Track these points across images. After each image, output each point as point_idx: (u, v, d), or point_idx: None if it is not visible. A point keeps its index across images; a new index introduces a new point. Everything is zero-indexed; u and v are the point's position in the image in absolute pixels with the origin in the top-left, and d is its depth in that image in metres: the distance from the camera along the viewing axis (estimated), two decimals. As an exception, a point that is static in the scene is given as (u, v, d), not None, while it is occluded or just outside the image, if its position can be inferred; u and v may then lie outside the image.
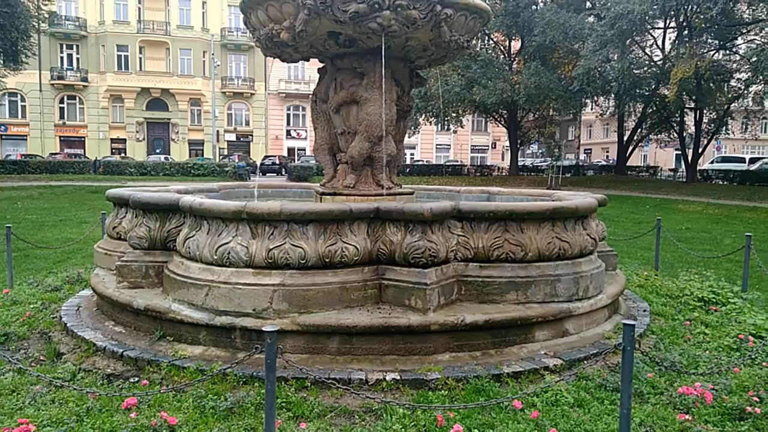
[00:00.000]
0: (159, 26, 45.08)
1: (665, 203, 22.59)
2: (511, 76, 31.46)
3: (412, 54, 7.14)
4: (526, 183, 32.45)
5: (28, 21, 25.65)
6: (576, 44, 28.99)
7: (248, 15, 6.68)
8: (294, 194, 9.20)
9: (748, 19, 26.73)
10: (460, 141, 55.80)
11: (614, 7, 23.62)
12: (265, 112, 49.45)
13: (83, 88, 45.24)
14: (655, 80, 28.85)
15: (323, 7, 5.89)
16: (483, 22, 7.07)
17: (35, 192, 22.31)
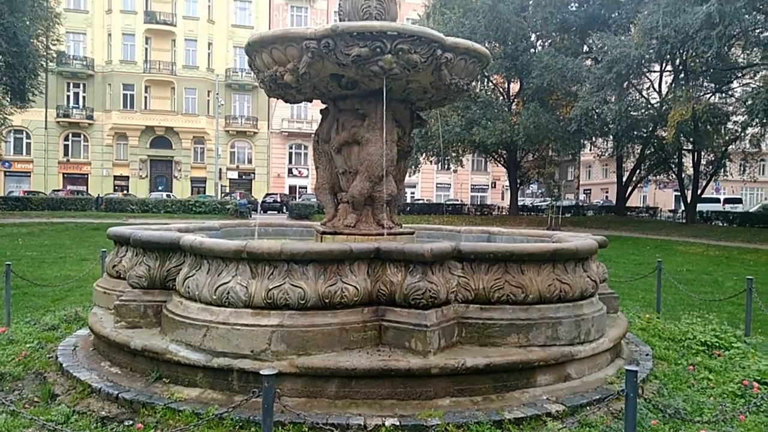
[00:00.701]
0: (165, 66, 45.99)
1: (665, 244, 22.57)
2: (510, 117, 31.90)
3: (412, 96, 7.26)
4: (526, 223, 32.50)
5: (36, 60, 26.19)
6: (574, 86, 29.50)
7: (253, 58, 6.81)
8: (295, 233, 9.20)
9: (742, 63, 27.25)
10: (461, 180, 56.16)
11: (611, 51, 24.12)
12: (267, 151, 49.95)
13: (88, 126, 45.84)
14: (652, 122, 29.23)
15: (326, 50, 6.02)
16: (482, 65, 7.21)
17: (36, 228, 22.34)
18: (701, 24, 19.28)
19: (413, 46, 6.04)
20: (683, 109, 22.49)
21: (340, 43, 5.96)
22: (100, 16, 45.58)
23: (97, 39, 45.73)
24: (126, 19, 45.07)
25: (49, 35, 27.07)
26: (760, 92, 20.91)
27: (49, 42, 28.00)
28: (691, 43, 21.64)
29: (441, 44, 6.29)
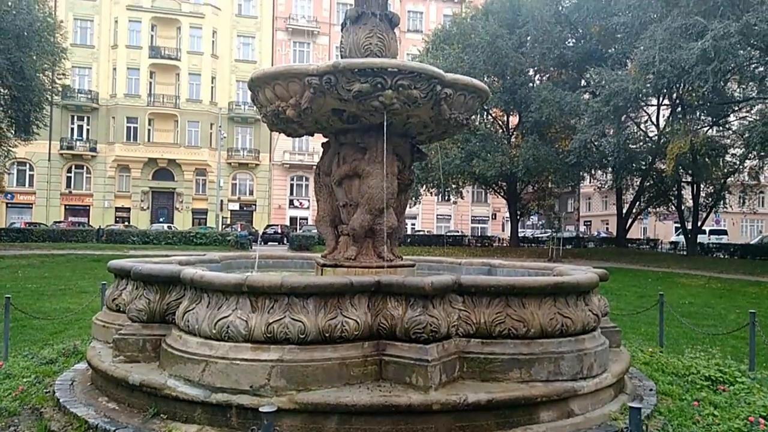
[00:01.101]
0: (169, 99, 46.60)
1: (667, 277, 22.48)
2: (509, 149, 32.19)
3: (413, 130, 7.35)
4: (527, 254, 32.44)
5: (42, 94, 26.54)
6: (572, 120, 29.83)
7: (256, 93, 6.92)
8: (295, 265, 9.19)
9: (738, 97, 27.60)
10: (461, 212, 56.27)
11: (609, 85, 24.46)
12: (268, 182, 50.21)
13: (91, 158, 46.20)
14: (651, 155, 29.45)
15: (328, 86, 6.12)
16: (481, 100, 7.32)
17: (37, 260, 22.32)
18: (697, 59, 19.60)
19: (413, 81, 6.14)
20: (681, 142, 22.70)
21: (341, 79, 6.07)
22: (106, 51, 46.40)
23: (102, 73, 46.46)
24: (131, 53, 45.86)
25: (55, 70, 27.50)
26: (757, 125, 21.14)
27: (55, 76, 28.43)
28: (688, 78, 21.97)
29: (440, 80, 6.39)
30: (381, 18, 7.52)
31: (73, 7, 46.01)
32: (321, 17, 51.51)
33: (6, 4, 23.25)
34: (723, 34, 18.85)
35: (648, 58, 21.51)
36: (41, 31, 24.70)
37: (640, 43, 22.57)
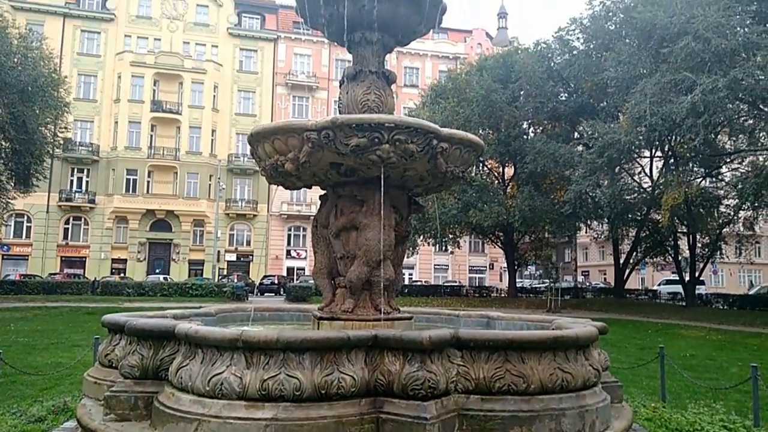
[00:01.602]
0: (169, 152, 47.15)
1: (667, 328, 22.27)
2: (505, 200, 32.45)
3: (410, 183, 7.43)
4: (525, 305, 32.19)
5: (43, 147, 26.83)
6: (567, 171, 30.22)
7: (255, 147, 7.03)
8: (291, 318, 9.10)
9: (730, 148, 28.06)
10: (458, 261, 56.13)
11: (602, 138, 24.90)
12: (266, 233, 50.23)
13: (90, 210, 46.33)
14: (645, 206, 29.69)
15: (326, 140, 6.23)
16: (477, 154, 7.44)
17: (30, 313, 22.03)
18: (687, 113, 20.04)
19: (410, 136, 6.25)
20: (675, 193, 22.93)
21: (339, 133, 6.18)
22: (108, 105, 47.29)
23: (104, 126, 47.20)
24: (133, 107, 46.73)
25: (57, 123, 27.90)
26: (749, 177, 21.44)
27: (57, 130, 28.80)
28: (679, 131, 22.41)
29: (436, 135, 6.52)
30: (378, 75, 7.73)
31: (78, 63, 47.20)
32: (320, 73, 52.83)
33: (12, 61, 23.79)
34: (711, 89, 19.36)
35: (639, 111, 21.99)
36: (45, 86, 25.19)
37: (631, 97, 23.09)
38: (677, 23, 21.75)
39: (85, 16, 48.11)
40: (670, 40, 22.05)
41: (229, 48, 51.08)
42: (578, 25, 30.57)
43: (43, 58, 26.02)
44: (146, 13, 49.59)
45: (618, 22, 28.20)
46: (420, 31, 8.08)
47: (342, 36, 7.82)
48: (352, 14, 7.23)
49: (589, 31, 29.91)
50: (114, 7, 48.61)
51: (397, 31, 7.80)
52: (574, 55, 30.86)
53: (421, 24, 7.77)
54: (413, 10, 7.46)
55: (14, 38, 25.03)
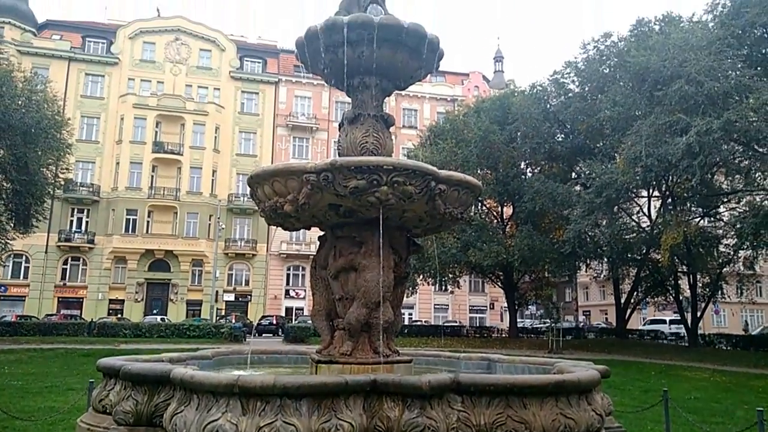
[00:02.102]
0: (169, 192, 47.37)
1: (670, 369, 21.94)
2: (504, 239, 32.44)
3: (408, 224, 7.46)
4: (526, 346, 31.79)
5: (44, 188, 26.91)
6: (565, 210, 30.30)
7: (255, 189, 7.09)
8: (289, 360, 8.99)
9: (727, 188, 28.23)
10: (458, 301, 55.70)
11: (599, 178, 25.08)
12: (265, 273, 50.01)
13: (88, 250, 46.22)
14: (645, 245, 29.66)
15: (325, 182, 6.28)
16: (475, 195, 7.50)
17: (25, 355, 21.71)
18: (682, 154, 20.26)
19: (408, 178, 6.31)
20: (674, 233, 22.96)
21: (338, 176, 6.24)
22: (111, 146, 47.76)
23: (105, 167, 47.56)
24: (135, 148, 47.17)
25: (59, 164, 28.07)
26: (747, 216, 21.51)
27: (59, 171, 28.95)
28: (675, 171, 22.59)
29: (434, 176, 6.58)
30: (377, 119, 7.86)
31: (82, 105, 47.92)
32: (320, 114, 53.60)
33: (16, 103, 24.13)
34: (706, 130, 19.62)
35: (635, 152, 22.22)
36: (48, 128, 25.45)
37: (627, 138, 23.37)
38: (670, 67, 22.21)
39: (89, 60, 49.10)
40: (664, 83, 22.47)
41: (231, 90, 51.95)
42: (573, 68, 31.20)
43: (47, 101, 26.38)
44: (150, 57, 50.63)
45: (612, 66, 28.80)
46: (418, 76, 8.26)
47: (341, 81, 7.98)
48: (352, 60, 7.40)
49: (583, 74, 30.50)
50: (119, 51, 49.65)
51: (395, 76, 7.97)
52: (569, 97, 31.37)
53: (419, 69, 7.94)
54: (411, 56, 7.63)
55: (19, 81, 25.45)
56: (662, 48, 23.48)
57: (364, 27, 7.16)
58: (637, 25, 29.40)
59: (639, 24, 29.37)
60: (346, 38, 7.23)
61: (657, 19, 29.33)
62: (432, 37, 7.60)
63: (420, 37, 7.47)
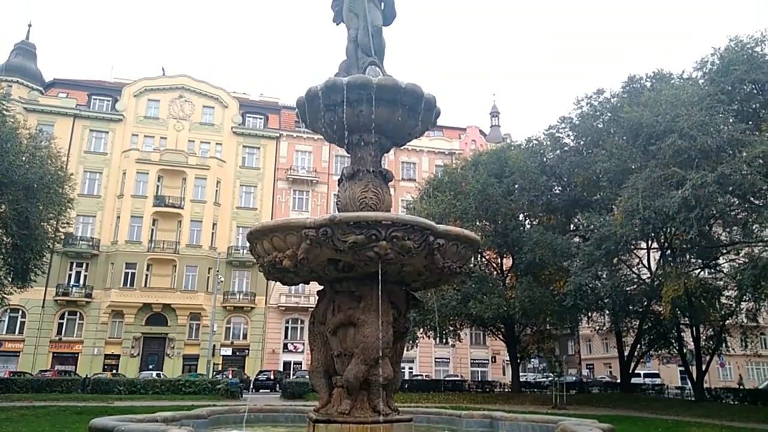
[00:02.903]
0: (169, 245, 47.37)
1: (678, 426, 21.37)
2: (505, 291, 32.22)
3: (407, 278, 7.49)
4: (529, 401, 31.07)
5: (44, 242, 26.85)
6: (565, 262, 30.25)
7: (254, 245, 7.16)
8: (286, 419, 8.83)
9: (725, 240, 28.27)
10: (459, 354, 54.78)
11: (598, 230, 25.16)
12: (263, 326, 49.45)
13: (86, 304, 45.80)
14: (646, 297, 29.46)
15: (324, 237, 6.35)
16: (473, 249, 7.56)
17: (16, 413, 21.17)
18: (679, 207, 20.40)
19: (407, 233, 6.39)
20: (675, 285, 22.85)
21: (337, 231, 6.32)
22: (112, 200, 48.08)
23: (106, 221, 47.70)
24: (136, 203, 47.50)
25: (59, 219, 28.14)
26: (747, 268, 21.47)
27: (59, 225, 28.97)
28: (673, 223, 22.70)
29: (433, 231, 6.66)
30: (375, 174, 8.02)
31: (85, 160, 48.54)
32: (320, 168, 54.29)
33: (20, 159, 24.41)
34: (701, 184, 19.83)
35: (632, 205, 22.39)
36: (51, 183, 25.63)
37: (624, 191, 23.59)
38: (663, 122, 22.67)
39: (94, 117, 50.07)
40: (658, 137, 22.89)
41: (232, 145, 52.79)
42: (568, 123, 31.85)
43: (51, 157, 26.67)
44: (154, 114, 51.69)
45: (606, 121, 29.41)
46: (416, 134, 8.48)
47: (341, 138, 8.20)
48: (351, 119, 7.62)
49: (578, 129, 31.10)
50: (123, 108, 50.72)
51: (393, 133, 8.18)
52: (565, 151, 31.88)
53: (417, 127, 8.16)
54: (409, 115, 7.86)
55: (24, 138, 25.83)
56: (654, 104, 24.04)
57: (363, 87, 7.42)
58: (628, 81, 30.23)
59: (631, 81, 30.20)
60: (346, 98, 7.47)
61: (648, 76, 30.21)
62: (429, 96, 7.85)
63: (417, 96, 7.72)
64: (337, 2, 9.09)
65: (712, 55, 25.63)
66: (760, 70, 23.39)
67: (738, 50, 24.38)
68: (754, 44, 24.48)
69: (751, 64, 23.50)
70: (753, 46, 24.45)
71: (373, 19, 8.60)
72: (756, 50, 24.33)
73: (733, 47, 24.68)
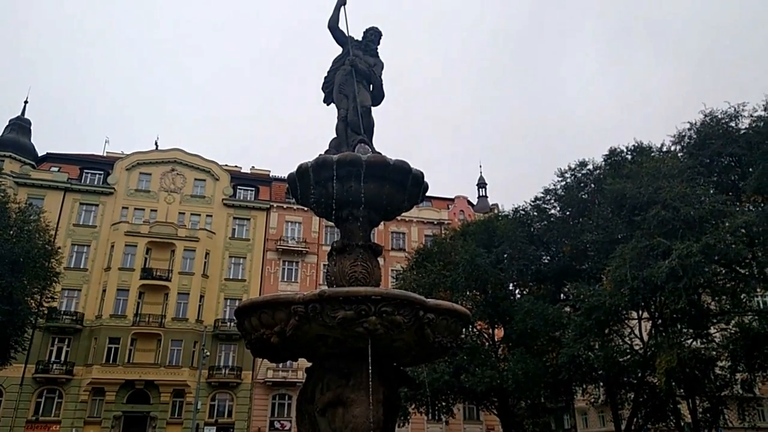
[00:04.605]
0: (154, 319, 46.45)
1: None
2: (497, 362, 31.66)
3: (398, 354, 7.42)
4: (527, 481, 29.83)
5: (26, 318, 26.26)
6: (557, 332, 29.95)
7: (242, 321, 7.11)
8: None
9: (715, 309, 28.29)
10: (453, 429, 52.98)
11: (587, 300, 25.14)
12: (249, 402, 47.82)
13: (66, 381, 44.20)
14: (640, 368, 29.05)
15: (314, 313, 6.34)
16: (464, 324, 7.55)
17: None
18: (667, 277, 20.57)
19: (396, 308, 6.40)
20: (668, 356, 22.65)
21: (326, 306, 6.32)
22: (98, 273, 47.49)
23: (91, 295, 46.85)
24: (123, 275, 46.92)
25: (44, 293, 27.69)
26: (738, 338, 21.42)
27: (43, 300, 28.45)
28: (662, 293, 22.79)
29: (423, 306, 6.68)
30: (365, 248, 8.10)
31: (73, 233, 48.31)
32: (310, 238, 54.40)
33: (8, 233, 24.28)
34: (687, 254, 20.10)
35: (620, 275, 22.53)
36: (37, 257, 25.40)
37: (611, 261, 23.79)
38: (646, 194, 23.24)
39: (85, 191, 50.32)
40: (641, 208, 23.38)
41: (222, 217, 52.97)
42: (553, 195, 32.46)
43: (39, 231, 26.60)
44: (145, 187, 52.07)
45: (590, 192, 30.04)
46: (404, 208, 8.65)
47: (331, 213, 8.33)
48: (341, 194, 7.79)
49: (563, 200, 31.69)
50: (115, 182, 51.11)
51: (382, 208, 8.34)
52: (551, 221, 32.31)
53: (405, 201, 8.35)
54: (397, 190, 8.06)
55: (13, 212, 25.81)
56: (636, 176, 24.70)
57: (352, 164, 7.64)
58: (610, 154, 31.14)
59: (612, 153, 31.12)
60: (336, 174, 7.67)
61: (628, 149, 31.14)
62: (416, 172, 8.08)
63: (405, 172, 7.94)
64: (328, 84, 9.51)
65: (689, 129, 26.65)
66: (736, 144, 24.29)
67: (713, 125, 25.39)
68: (728, 119, 25.52)
69: (726, 138, 24.42)
70: (728, 121, 25.48)
71: (363, 100, 8.98)
72: (731, 125, 25.35)
73: (708, 122, 25.71)
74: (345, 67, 9.21)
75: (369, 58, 9.53)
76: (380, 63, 9.57)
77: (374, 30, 9.73)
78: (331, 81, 9.47)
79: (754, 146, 23.81)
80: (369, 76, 9.36)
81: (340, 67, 9.35)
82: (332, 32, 9.47)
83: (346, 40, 9.51)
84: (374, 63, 9.50)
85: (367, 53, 9.57)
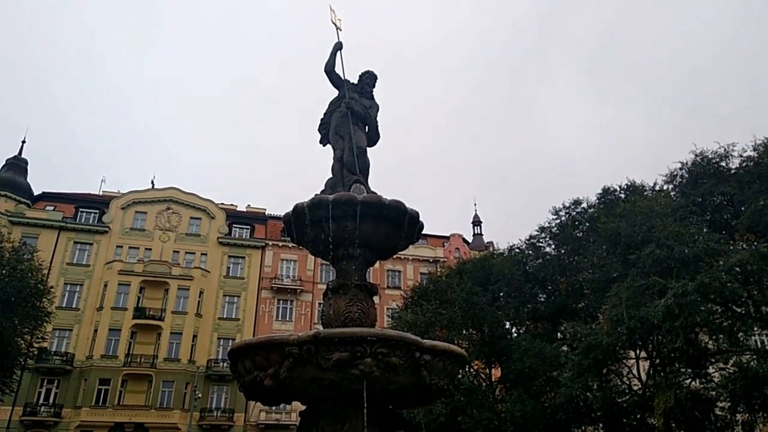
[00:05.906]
0: (146, 359, 45.67)
1: None
2: (495, 404, 31.14)
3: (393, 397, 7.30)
4: None
5: (16, 359, 25.80)
6: (555, 372, 29.57)
7: (235, 363, 7.02)
8: None
9: (713, 348, 28.07)
10: (450, 476, 51.66)
11: (584, 339, 24.92)
12: (241, 448, 46.61)
13: (53, 425, 43.07)
14: (639, 409, 28.59)
15: (308, 355, 6.27)
16: (460, 365, 7.47)
17: None
18: (663, 315, 20.46)
19: (392, 349, 6.35)
20: (666, 396, 22.35)
21: (321, 348, 6.26)
22: (91, 313, 46.90)
23: (82, 335, 46.15)
24: (116, 315, 46.33)
25: (34, 333, 27.25)
26: (737, 378, 21.20)
27: (33, 340, 27.98)
28: (659, 332, 22.64)
29: (419, 347, 6.62)
30: (360, 288, 8.08)
31: (66, 272, 47.92)
32: (305, 276, 54.13)
33: (0, 272, 24.09)
34: (682, 292, 20.06)
35: (617, 315, 22.40)
36: (29, 297, 25.14)
37: (608, 300, 23.71)
38: (639, 232, 23.34)
39: (80, 229, 50.16)
40: (636, 246, 23.42)
41: (217, 255, 52.75)
42: (547, 233, 32.55)
43: (32, 270, 26.38)
44: (141, 226, 51.97)
45: (585, 230, 30.16)
46: (400, 247, 8.67)
47: (326, 252, 8.34)
48: (336, 234, 7.82)
49: (558, 238, 31.77)
50: (110, 220, 51.02)
51: (378, 247, 8.37)
52: (547, 259, 32.32)
53: (401, 241, 8.37)
54: (393, 229, 8.09)
55: (6, 251, 25.66)
56: (630, 215, 24.84)
57: (348, 204, 7.69)
58: (603, 193, 31.39)
59: (605, 192, 31.37)
60: (332, 214, 7.72)
61: (621, 188, 31.43)
62: (412, 212, 8.13)
63: (400, 212, 7.99)
64: (324, 126, 9.68)
65: (681, 168, 26.98)
66: (728, 183, 24.56)
67: (704, 164, 25.73)
68: (719, 159, 25.87)
69: (718, 178, 24.71)
70: (718, 160, 25.83)
71: (358, 141, 9.11)
72: (722, 164, 25.69)
73: (699, 161, 26.05)
74: (341, 109, 9.40)
75: (365, 100, 9.73)
76: (376, 105, 9.76)
77: (370, 73, 9.96)
78: (327, 122, 9.65)
79: (745, 185, 24.07)
80: (365, 117, 9.53)
81: (336, 108, 9.55)
82: (329, 75, 9.71)
83: (342, 83, 9.73)
84: (370, 105, 9.70)
85: (363, 96, 9.77)
